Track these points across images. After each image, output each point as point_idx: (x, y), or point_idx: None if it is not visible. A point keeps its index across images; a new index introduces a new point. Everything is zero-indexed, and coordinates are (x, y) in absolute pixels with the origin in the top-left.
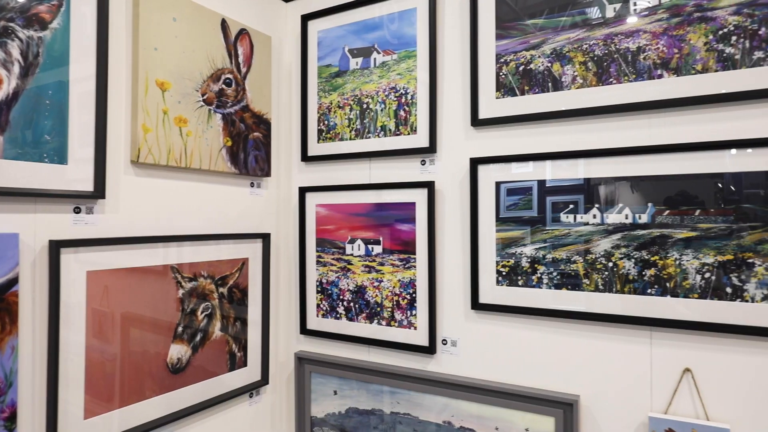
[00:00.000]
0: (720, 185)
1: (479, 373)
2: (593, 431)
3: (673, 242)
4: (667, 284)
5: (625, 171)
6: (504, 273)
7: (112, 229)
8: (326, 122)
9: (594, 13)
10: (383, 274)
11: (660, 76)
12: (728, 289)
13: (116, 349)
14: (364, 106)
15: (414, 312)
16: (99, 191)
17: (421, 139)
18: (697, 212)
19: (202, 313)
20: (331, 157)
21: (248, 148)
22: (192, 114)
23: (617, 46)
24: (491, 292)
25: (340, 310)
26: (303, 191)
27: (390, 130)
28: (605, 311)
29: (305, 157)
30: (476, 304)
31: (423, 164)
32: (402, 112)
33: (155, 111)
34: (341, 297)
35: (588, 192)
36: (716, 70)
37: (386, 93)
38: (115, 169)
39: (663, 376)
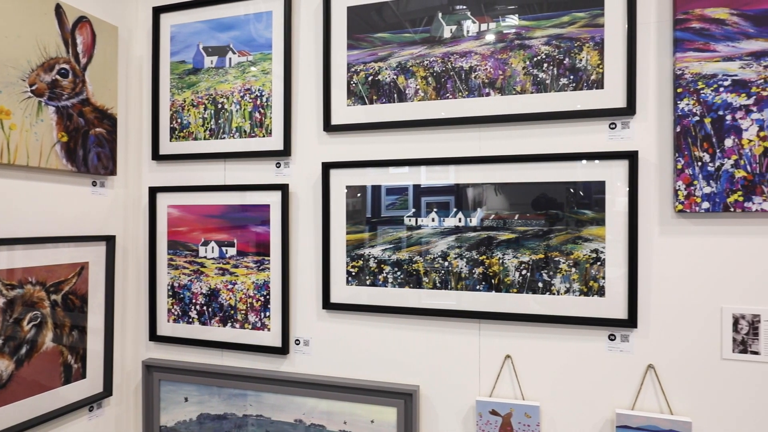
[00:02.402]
0: (536, 193)
1: (330, 371)
2: (431, 417)
3: (497, 243)
4: (493, 281)
5: (457, 179)
6: (353, 273)
7: None
8: (179, 120)
9: (434, 32)
10: (237, 276)
11: (488, 94)
12: (540, 284)
13: None
14: (219, 105)
15: (268, 314)
16: None
17: (276, 142)
18: (516, 216)
19: (29, 323)
20: (184, 156)
21: (89, 145)
22: (17, 106)
23: (453, 65)
24: (342, 291)
25: (193, 314)
26: (154, 191)
27: (245, 131)
28: (442, 306)
29: (156, 156)
30: (328, 304)
31: (278, 167)
32: (257, 114)
33: None
34: (194, 301)
35: (416, 196)
36: (532, 92)
37: (242, 94)
38: None
39: (489, 363)
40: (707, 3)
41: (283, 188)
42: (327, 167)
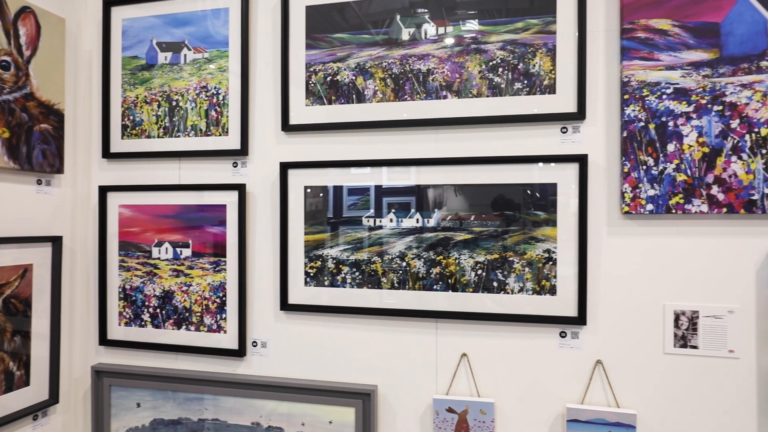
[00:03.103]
0: (493, 194)
1: (288, 373)
2: (389, 416)
3: (454, 243)
4: (449, 280)
5: (418, 180)
6: (312, 274)
7: None
8: (132, 117)
9: (393, 34)
10: (192, 278)
11: (445, 97)
12: (495, 284)
13: None
14: (174, 103)
15: (224, 316)
16: None
17: (232, 141)
18: (473, 217)
19: None
20: (137, 155)
21: (33, 141)
22: None
23: (411, 67)
24: (300, 292)
25: (146, 317)
26: (104, 190)
27: (201, 129)
28: (400, 306)
29: (107, 154)
30: (286, 305)
31: (235, 166)
32: (213, 113)
33: None
34: (147, 303)
35: (378, 196)
36: (487, 96)
37: (197, 92)
38: None
39: (445, 362)
40: (652, 14)
41: (240, 188)
42: (285, 167)
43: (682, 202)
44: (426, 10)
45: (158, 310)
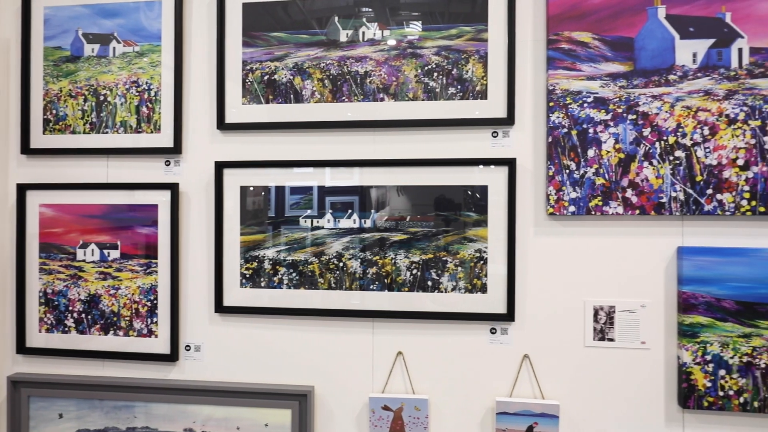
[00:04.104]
0: (429, 195)
1: (223, 376)
2: (325, 416)
3: (390, 244)
4: (386, 280)
5: (359, 181)
6: (248, 275)
7: None
8: (54, 112)
9: (331, 35)
10: (121, 280)
11: (382, 99)
12: (429, 283)
13: None
14: (102, 98)
15: (155, 319)
16: None
17: (165, 139)
18: (408, 218)
19: None
20: (60, 151)
21: None
22: None
23: (349, 68)
24: (235, 294)
25: (69, 322)
26: (23, 189)
27: (131, 126)
28: (337, 307)
29: (27, 150)
30: (221, 308)
31: (167, 165)
32: (145, 109)
33: None
34: (71, 308)
35: (320, 196)
36: (423, 99)
37: (127, 86)
38: None
39: (382, 360)
40: (574, 26)
41: (173, 187)
42: (220, 166)
43: (600, 204)
44: (370, 9)
45: (83, 315)
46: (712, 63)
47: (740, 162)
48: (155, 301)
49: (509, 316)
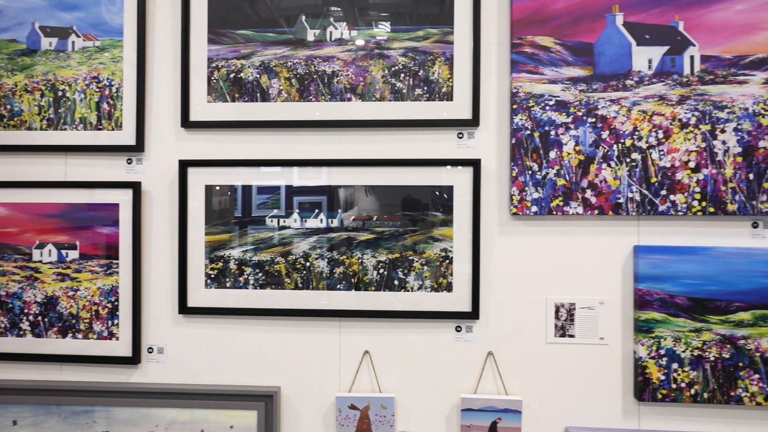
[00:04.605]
0: (396, 195)
1: (187, 379)
2: (292, 417)
3: (357, 243)
4: (353, 280)
5: (325, 180)
6: (213, 276)
7: None
8: (9, 107)
9: (298, 34)
10: (80, 282)
11: (349, 99)
12: (396, 282)
13: None
14: (60, 93)
15: (116, 321)
16: None
17: (127, 136)
18: (375, 218)
19: None
20: (14, 148)
21: None
22: None
23: (316, 68)
24: (200, 295)
25: (25, 325)
26: None
27: (91, 123)
28: (304, 307)
29: None
30: (185, 309)
31: (129, 163)
32: (106, 105)
33: None
34: (26, 311)
35: (288, 195)
36: (390, 100)
37: (87, 82)
38: None
39: (348, 360)
40: (537, 31)
41: (135, 186)
42: (185, 165)
43: (561, 204)
44: (339, 9)
45: (40, 318)
46: (666, 69)
47: (692, 164)
48: (116, 303)
49: (474, 314)
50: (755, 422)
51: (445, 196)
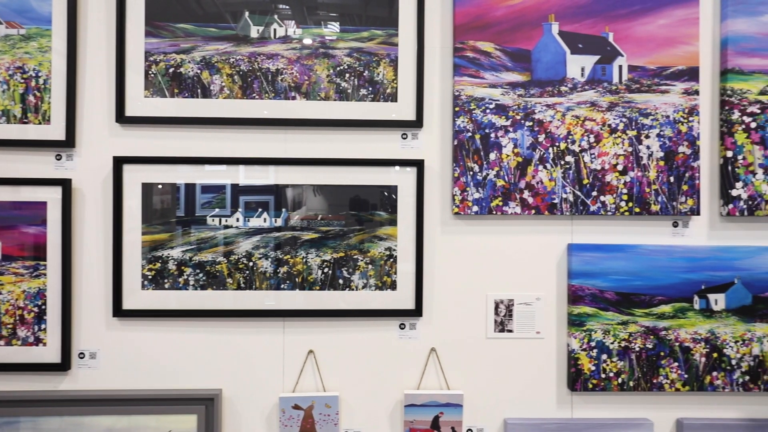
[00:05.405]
0: (341, 195)
1: (124, 384)
2: (234, 419)
3: (301, 243)
4: (297, 279)
5: (277, 179)
6: (150, 277)
7: None
8: None
9: (241, 30)
10: (2, 285)
11: (294, 98)
12: (341, 281)
13: None
14: None
15: (44, 326)
16: None
17: (56, 131)
18: (319, 217)
19: None
20: None
21: None
22: None
23: (260, 65)
24: (137, 297)
25: None
26: None
27: (15, 116)
28: (246, 307)
29: None
30: (120, 311)
31: (59, 159)
32: (32, 98)
33: None
34: None
35: (234, 195)
36: (335, 99)
37: (11, 72)
38: None
39: (293, 360)
40: (478, 36)
41: (65, 183)
42: (119, 162)
43: (501, 204)
44: (288, 7)
45: None
46: (597, 77)
47: (620, 167)
48: (43, 307)
49: (417, 311)
50: (675, 406)
51: (393, 196)
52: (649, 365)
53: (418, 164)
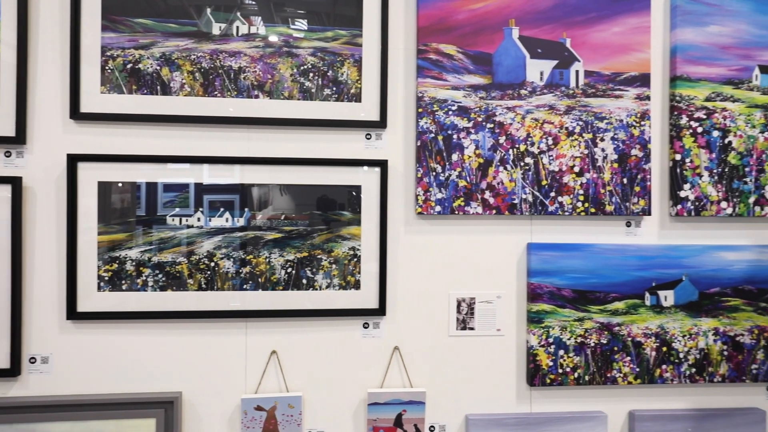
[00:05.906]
0: (305, 194)
1: (79, 389)
2: (194, 422)
3: (264, 242)
4: (260, 279)
5: (242, 179)
6: (107, 278)
7: None
8: None
9: (202, 27)
10: None
11: (257, 97)
12: (304, 281)
13: None
14: None
15: None
16: None
17: (5, 126)
18: (283, 217)
19: None
20: None
21: None
22: None
23: (222, 63)
24: (92, 299)
25: None
26: None
27: None
28: (208, 308)
29: None
30: (74, 314)
31: (8, 156)
32: None
33: None
34: None
35: (198, 194)
36: (299, 99)
37: None
38: None
39: (255, 361)
40: (441, 39)
41: (15, 182)
42: (74, 160)
43: (463, 204)
44: (254, 3)
45: None
46: (555, 82)
47: (576, 169)
48: None
49: (381, 310)
50: (628, 398)
51: (354, 195)
52: (603, 360)
53: (382, 164)
